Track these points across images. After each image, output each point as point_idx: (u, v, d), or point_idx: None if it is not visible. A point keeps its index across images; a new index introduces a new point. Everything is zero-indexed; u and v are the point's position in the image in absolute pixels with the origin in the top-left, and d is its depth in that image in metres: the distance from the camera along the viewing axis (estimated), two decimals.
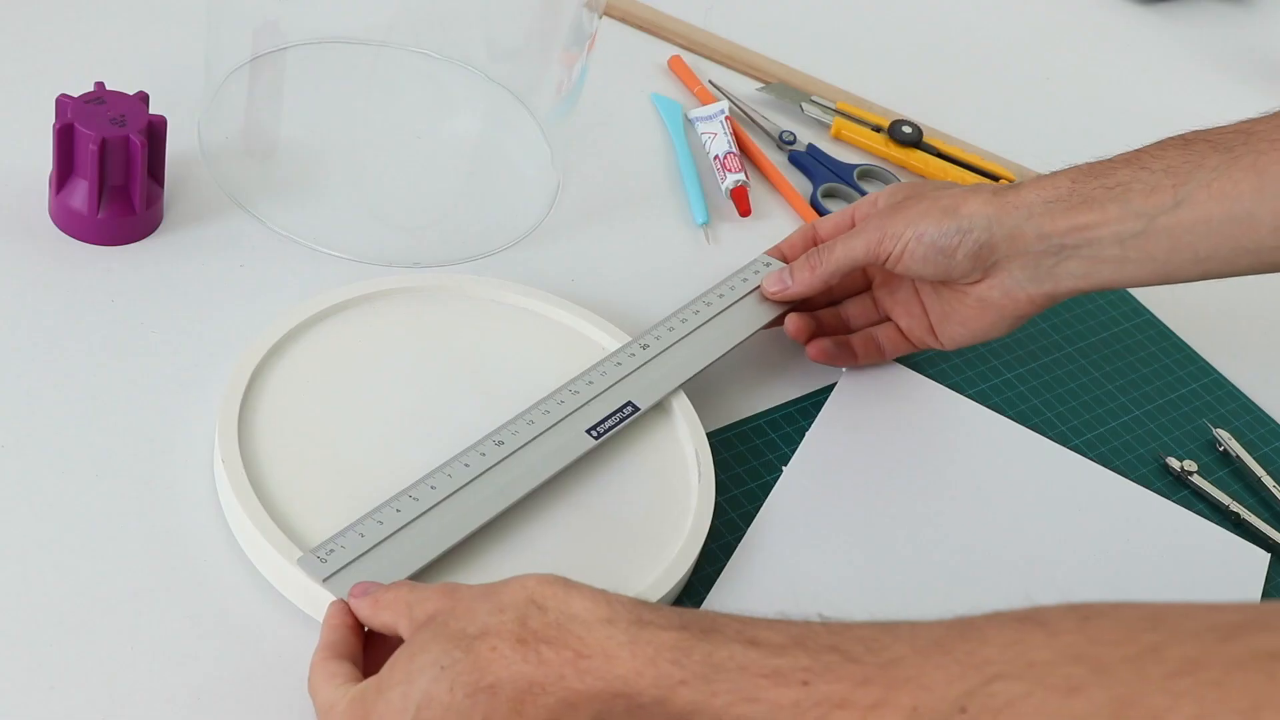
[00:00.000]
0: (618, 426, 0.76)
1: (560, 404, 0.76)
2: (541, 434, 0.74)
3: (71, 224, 0.81)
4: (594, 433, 0.75)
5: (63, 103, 0.79)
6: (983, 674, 0.48)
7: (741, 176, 0.97)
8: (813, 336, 0.85)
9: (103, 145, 0.77)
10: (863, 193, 1.00)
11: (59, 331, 0.77)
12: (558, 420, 0.75)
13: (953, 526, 0.80)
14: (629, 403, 0.77)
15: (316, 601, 0.67)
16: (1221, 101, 1.23)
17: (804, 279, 0.83)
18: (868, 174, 1.03)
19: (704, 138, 1.00)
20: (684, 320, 0.83)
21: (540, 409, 0.76)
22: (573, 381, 0.77)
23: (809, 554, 0.76)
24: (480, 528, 0.70)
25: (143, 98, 0.80)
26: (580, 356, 0.81)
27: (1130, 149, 0.79)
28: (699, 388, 0.84)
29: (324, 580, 0.65)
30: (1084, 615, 0.49)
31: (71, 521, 0.69)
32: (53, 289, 0.79)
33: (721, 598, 0.74)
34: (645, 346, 0.80)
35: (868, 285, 0.87)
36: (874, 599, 0.75)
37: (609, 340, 0.82)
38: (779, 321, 0.85)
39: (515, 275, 0.86)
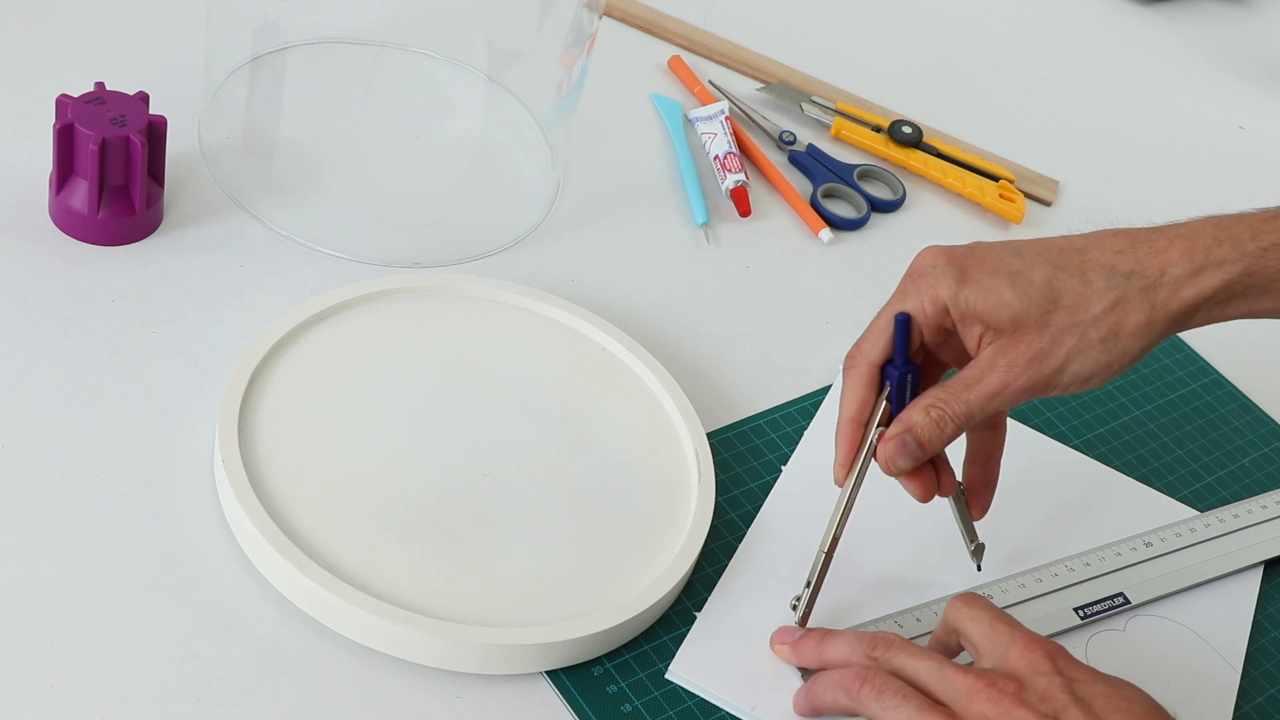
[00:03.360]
0: (1106, 614, 0.76)
1: (1054, 576, 0.77)
2: (1030, 599, 0.76)
3: (71, 224, 0.81)
4: (1081, 613, 0.76)
5: (63, 103, 0.79)
6: None
7: (741, 176, 0.97)
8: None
9: (103, 145, 0.77)
10: (863, 193, 1.00)
11: (59, 331, 0.77)
12: (1049, 590, 0.77)
13: (947, 521, 0.80)
14: (1121, 594, 0.77)
15: (317, 601, 0.67)
16: (1221, 101, 1.23)
17: (933, 438, 0.68)
18: (868, 174, 1.03)
19: (704, 138, 1.00)
20: (1193, 530, 0.82)
21: (1034, 575, 0.77)
22: (1071, 558, 0.78)
23: (809, 554, 0.76)
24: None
25: (143, 98, 0.80)
26: (580, 356, 0.81)
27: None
28: (699, 388, 0.84)
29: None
30: None
31: (71, 521, 0.69)
32: (53, 289, 0.78)
33: (721, 600, 0.74)
34: (1149, 544, 0.80)
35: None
36: (875, 598, 0.75)
37: (609, 340, 0.82)
38: None
39: (515, 275, 0.87)
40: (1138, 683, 0.63)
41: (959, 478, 0.73)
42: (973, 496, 0.75)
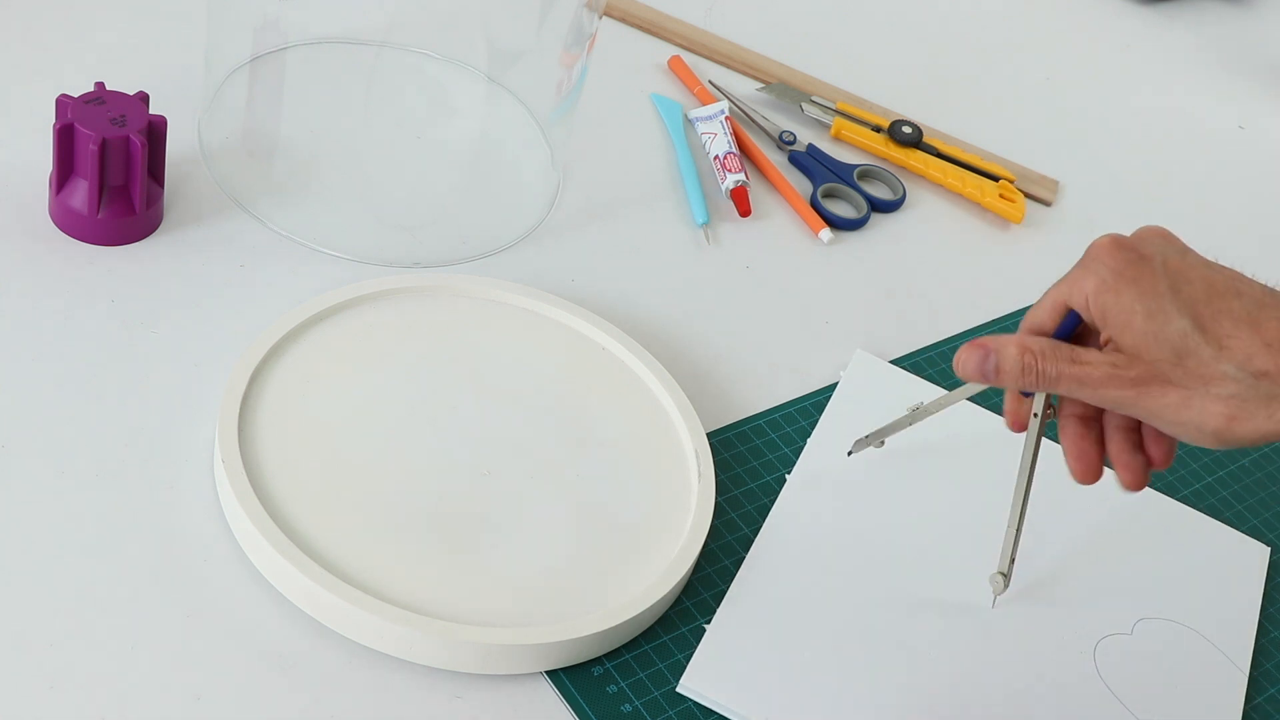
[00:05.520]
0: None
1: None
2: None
3: (71, 224, 0.81)
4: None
5: (63, 103, 0.79)
6: None
7: (741, 176, 0.97)
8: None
9: (103, 145, 0.77)
10: (863, 193, 1.00)
11: (59, 331, 0.77)
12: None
13: (957, 526, 0.80)
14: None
15: (317, 601, 0.67)
16: (1221, 101, 1.23)
17: (1008, 373, 0.67)
18: (868, 174, 1.03)
19: (704, 138, 1.00)
20: None
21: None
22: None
23: (817, 561, 0.76)
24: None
25: (143, 98, 0.80)
26: (580, 356, 0.81)
27: None
28: (699, 388, 0.84)
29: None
30: None
31: (71, 521, 0.69)
32: (53, 289, 0.78)
33: (731, 612, 0.73)
34: None
35: None
36: (883, 603, 0.75)
37: (609, 340, 0.82)
38: None
39: (515, 275, 0.86)
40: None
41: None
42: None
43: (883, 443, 0.80)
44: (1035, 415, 0.72)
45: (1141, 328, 0.63)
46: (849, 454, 0.81)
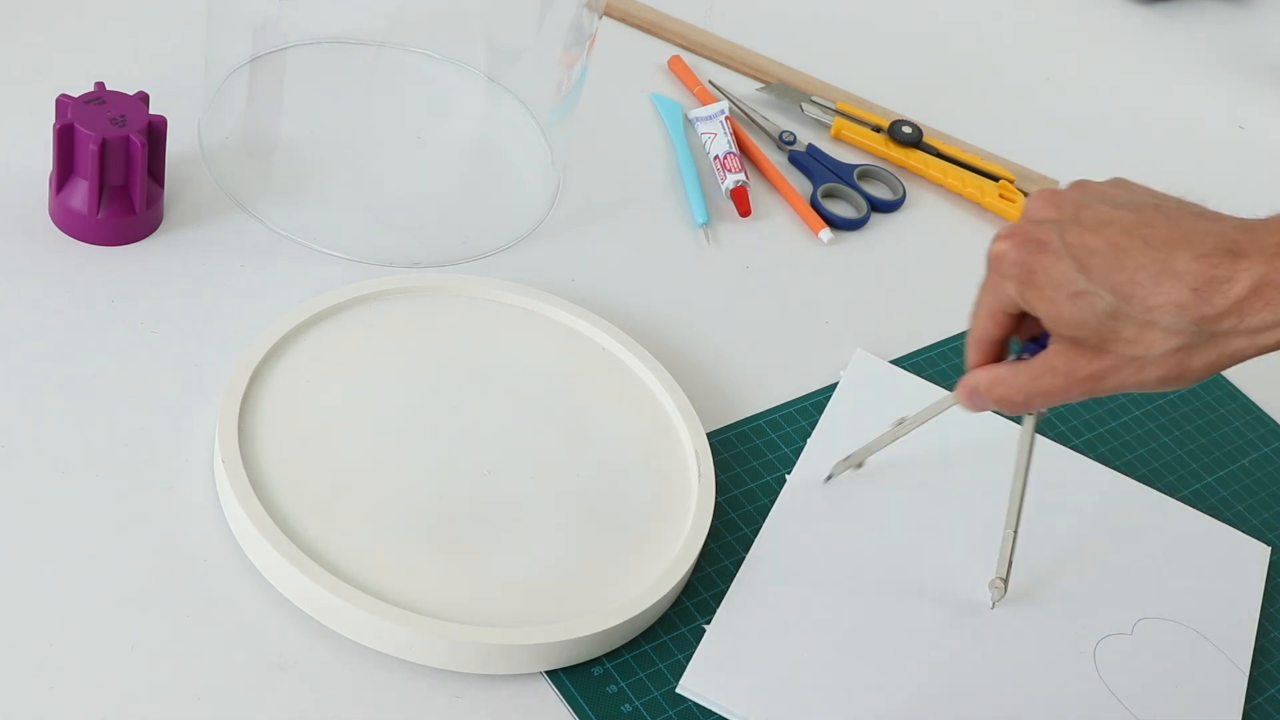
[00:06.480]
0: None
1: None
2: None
3: (71, 224, 0.81)
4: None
5: (63, 103, 0.79)
6: None
7: (741, 176, 0.97)
8: None
9: (103, 145, 0.77)
10: (863, 193, 1.00)
11: (59, 331, 0.77)
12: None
13: (957, 526, 0.80)
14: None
15: (317, 602, 0.67)
16: (1221, 101, 1.23)
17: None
18: (868, 174, 1.03)
19: (704, 138, 1.00)
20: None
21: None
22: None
23: (817, 561, 0.76)
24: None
25: (143, 98, 0.80)
26: (580, 356, 0.81)
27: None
28: (699, 388, 0.84)
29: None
30: None
31: (71, 522, 0.69)
32: (53, 289, 0.78)
33: (731, 612, 0.73)
34: None
35: None
36: (882, 603, 0.75)
37: (609, 340, 0.82)
38: None
39: (515, 275, 0.86)
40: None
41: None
42: None
43: (861, 464, 0.80)
44: (1029, 414, 0.73)
45: (1071, 316, 0.64)
46: (827, 479, 0.80)
